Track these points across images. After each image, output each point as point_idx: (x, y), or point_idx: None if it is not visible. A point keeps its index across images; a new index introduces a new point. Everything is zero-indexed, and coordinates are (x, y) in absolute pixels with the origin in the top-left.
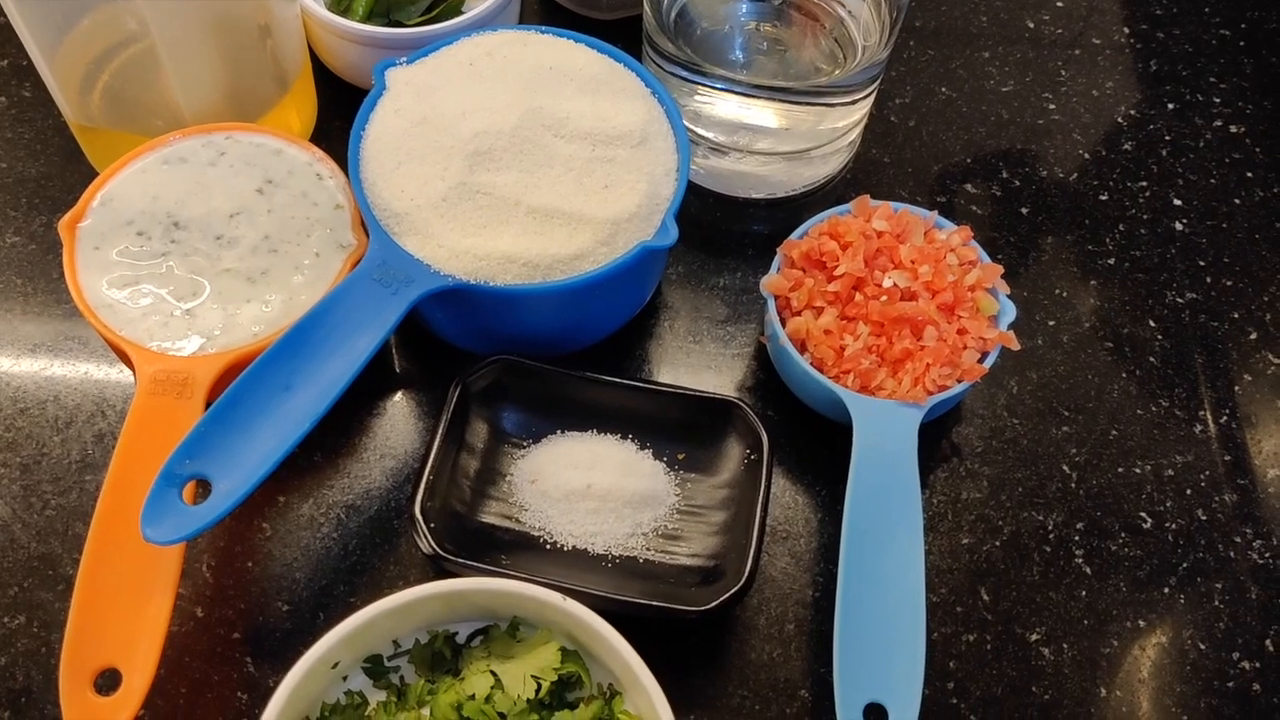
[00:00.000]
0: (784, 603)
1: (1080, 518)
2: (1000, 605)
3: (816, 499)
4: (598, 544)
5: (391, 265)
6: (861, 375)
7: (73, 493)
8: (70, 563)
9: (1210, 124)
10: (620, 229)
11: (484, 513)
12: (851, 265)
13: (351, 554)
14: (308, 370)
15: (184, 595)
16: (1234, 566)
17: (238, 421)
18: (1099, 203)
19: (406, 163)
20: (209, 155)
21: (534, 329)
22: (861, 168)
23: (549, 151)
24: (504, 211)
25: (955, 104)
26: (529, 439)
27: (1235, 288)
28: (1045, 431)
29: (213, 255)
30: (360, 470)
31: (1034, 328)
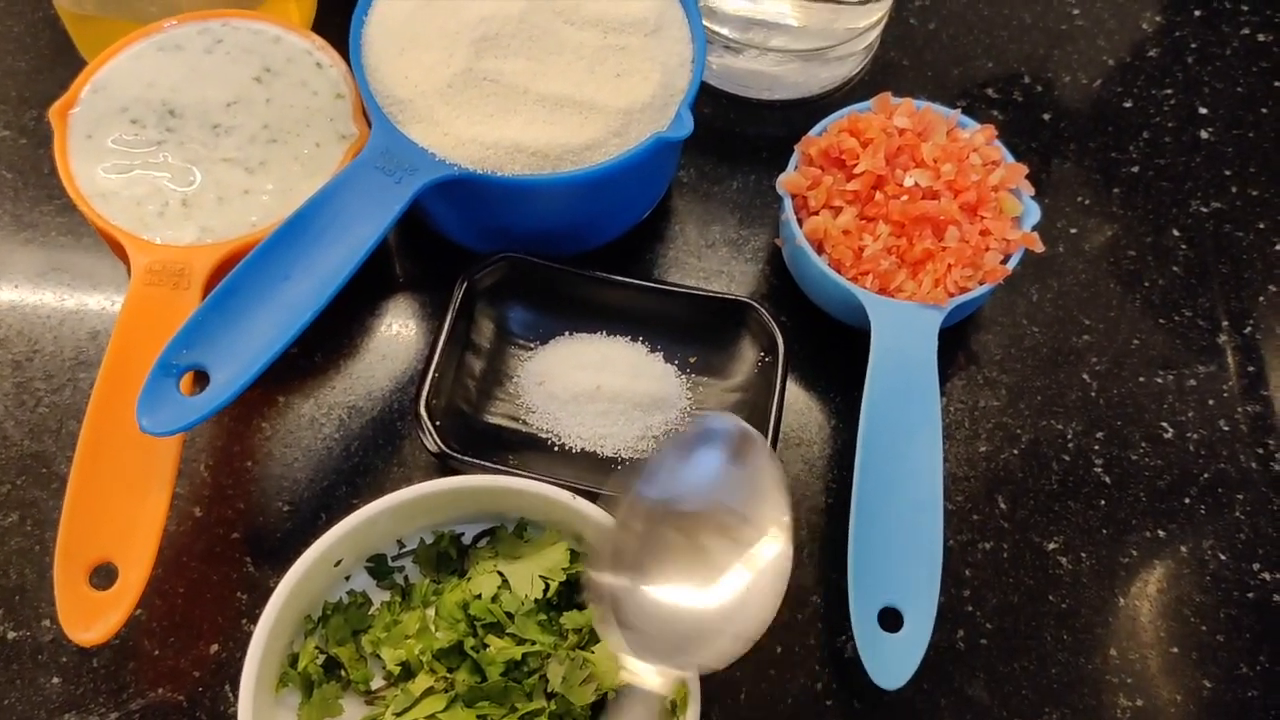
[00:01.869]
0: (797, 509)
1: (1100, 427)
2: (1018, 514)
3: (831, 406)
4: (607, 446)
5: (395, 153)
6: (881, 276)
7: (66, 390)
8: (64, 460)
9: (1238, 32)
10: (633, 119)
11: (490, 413)
12: (872, 163)
13: (354, 455)
14: (308, 260)
15: (182, 495)
16: (1256, 477)
17: (236, 311)
18: (1123, 110)
19: (410, 48)
20: (205, 42)
21: (542, 224)
22: (879, 70)
23: (558, 38)
24: (512, 99)
25: (976, 7)
26: (536, 340)
27: (1261, 197)
28: (1065, 340)
29: (209, 144)
30: (362, 370)
31: (1055, 235)
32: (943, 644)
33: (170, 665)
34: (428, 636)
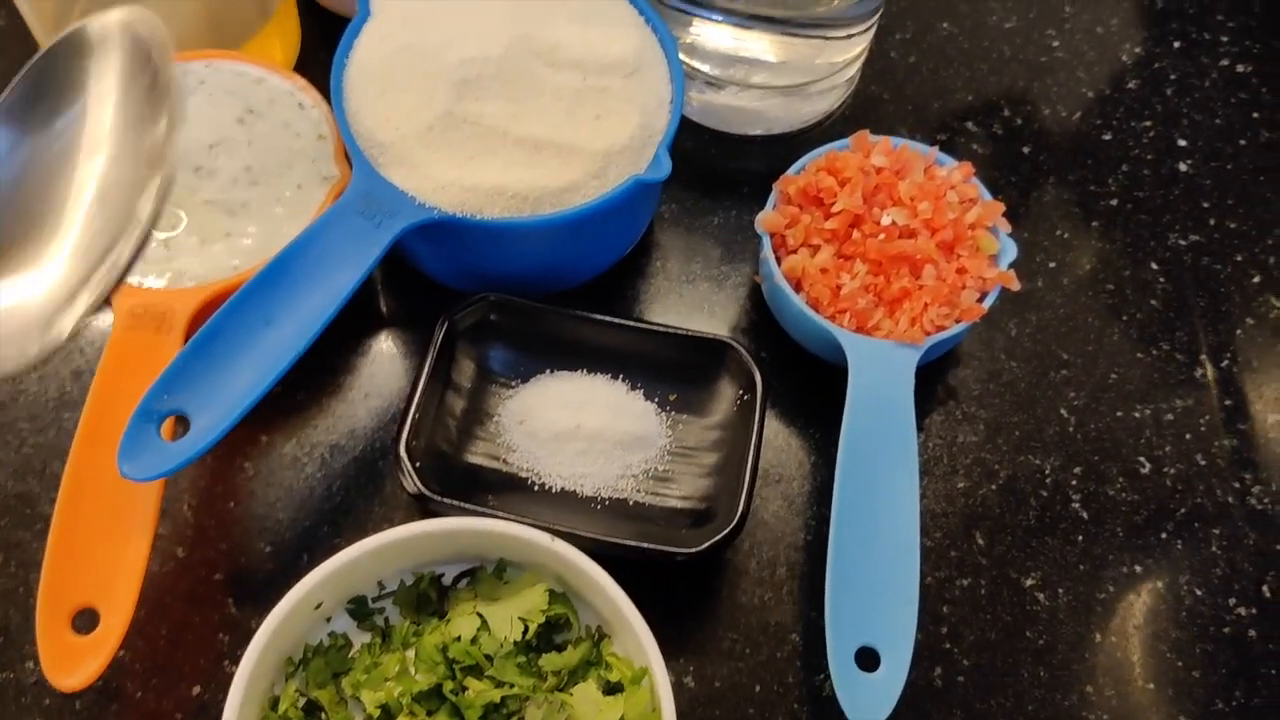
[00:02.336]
0: (776, 546)
1: (1078, 462)
2: (995, 550)
3: (810, 442)
4: (587, 486)
5: (375, 197)
6: (858, 315)
7: (50, 430)
8: (48, 501)
9: (1216, 63)
10: (612, 161)
11: (471, 453)
12: (849, 202)
13: (335, 494)
14: (289, 304)
15: (164, 535)
16: (1232, 512)
17: (217, 356)
18: (1102, 143)
19: (391, 91)
20: (188, 84)
21: (523, 265)
22: (860, 104)
23: (538, 80)
24: (491, 142)
25: (957, 40)
26: (517, 378)
27: (1239, 230)
28: (1044, 375)
29: (192, 187)
30: (345, 410)
31: (1034, 269)
32: (920, 681)
33: (152, 708)
34: (407, 679)
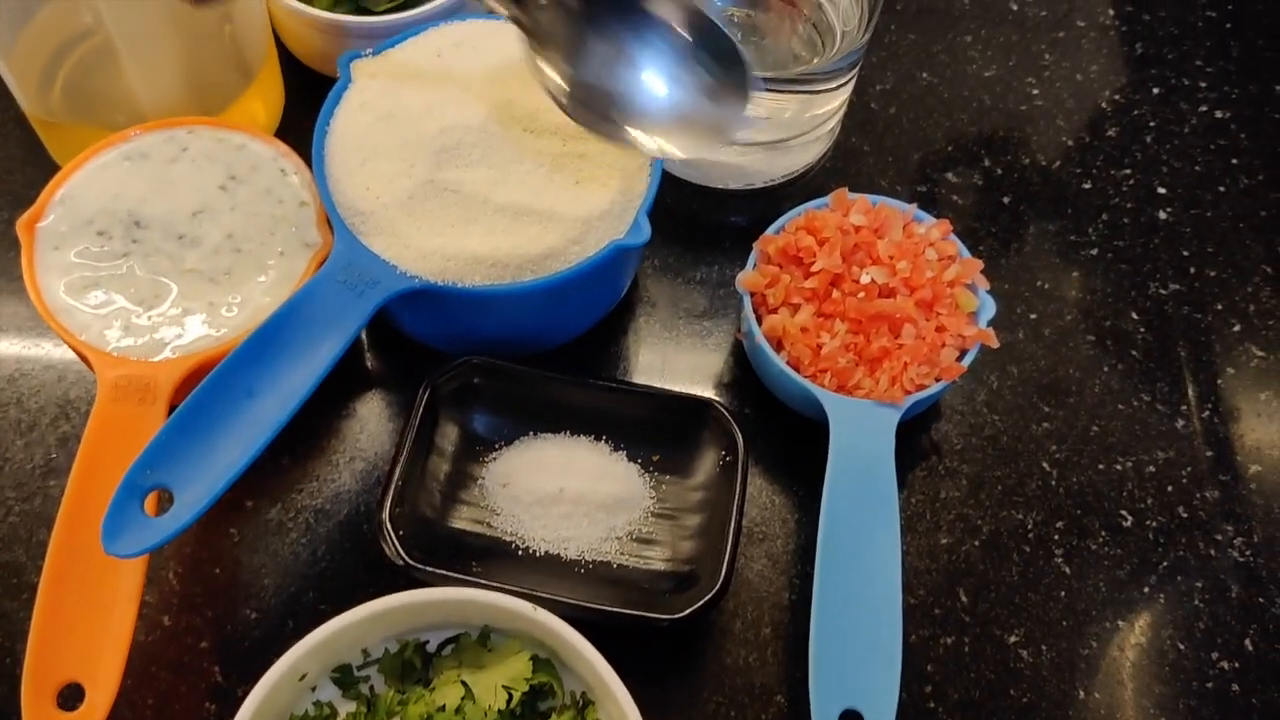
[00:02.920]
0: (760, 606)
1: (1060, 516)
2: (979, 607)
3: (794, 499)
4: (570, 549)
5: (357, 266)
6: (838, 374)
7: (37, 499)
8: (34, 570)
9: (1195, 109)
10: (592, 227)
11: (455, 518)
12: (828, 261)
13: (320, 560)
14: (271, 376)
15: (150, 603)
16: (1215, 565)
17: (200, 430)
18: (1082, 191)
19: (372, 159)
20: (171, 151)
21: (505, 329)
22: (841, 156)
23: (519, 146)
24: (472, 209)
25: (937, 90)
26: (500, 441)
27: (1219, 278)
28: (1025, 428)
29: (175, 255)
30: (329, 473)
31: (1015, 321)
32: None
33: None
34: None
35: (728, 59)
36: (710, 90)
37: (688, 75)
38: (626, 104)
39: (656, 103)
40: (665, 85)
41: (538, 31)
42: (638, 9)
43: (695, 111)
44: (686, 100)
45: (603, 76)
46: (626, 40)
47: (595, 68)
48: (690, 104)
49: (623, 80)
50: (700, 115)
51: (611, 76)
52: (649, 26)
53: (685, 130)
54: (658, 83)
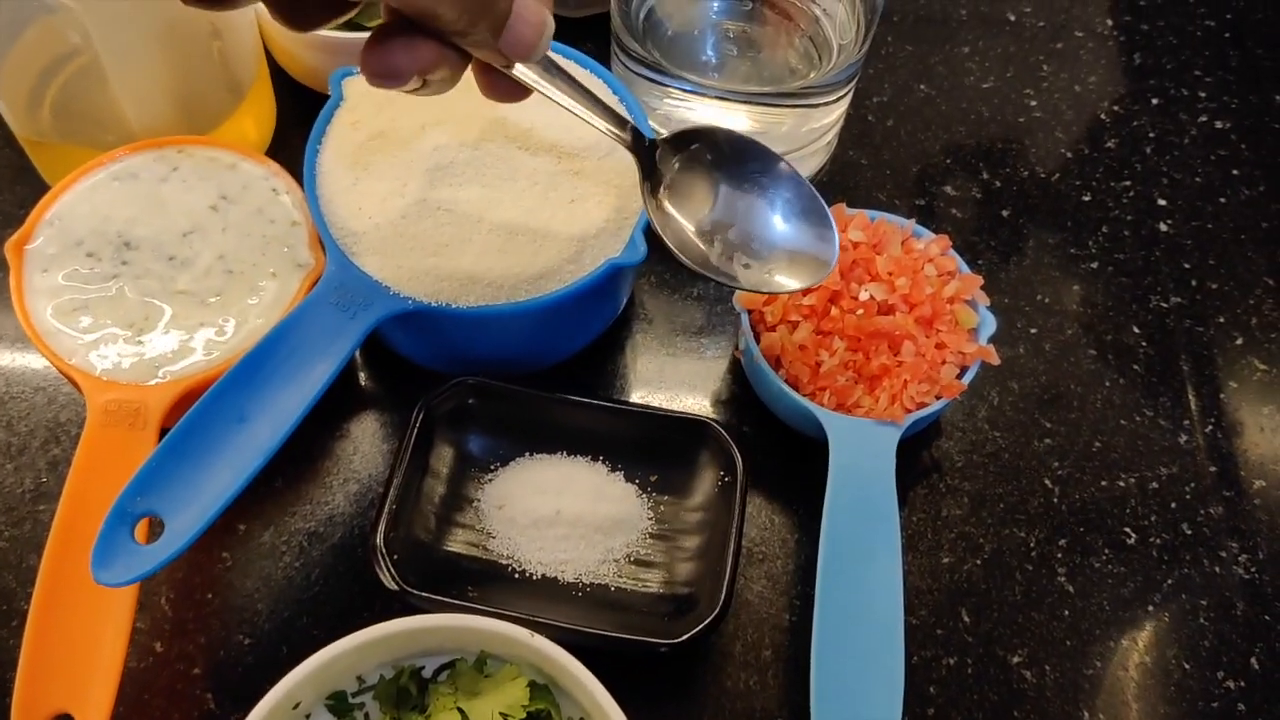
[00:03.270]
0: (760, 628)
1: (1063, 534)
2: (981, 627)
3: (794, 518)
4: (567, 572)
5: (349, 288)
6: (838, 392)
7: (26, 523)
8: (24, 597)
9: (1195, 120)
10: (587, 245)
11: (450, 541)
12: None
13: (314, 584)
14: (263, 400)
15: (142, 629)
16: (1220, 582)
17: (190, 456)
18: (1082, 204)
19: (364, 179)
20: (161, 170)
21: (500, 349)
22: (839, 169)
23: (513, 165)
24: (466, 229)
25: (934, 102)
26: (496, 462)
27: (1221, 291)
28: (1027, 444)
29: (165, 277)
30: (323, 496)
31: (1015, 336)
32: None
33: None
34: None
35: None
36: (815, 230)
37: (800, 219)
38: (756, 242)
39: (780, 240)
40: (786, 225)
41: (657, 170)
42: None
43: (802, 243)
44: (805, 238)
45: (735, 218)
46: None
47: (721, 205)
48: (798, 237)
49: (754, 221)
50: (806, 247)
51: (743, 218)
52: (772, 176)
53: (790, 261)
54: (781, 224)
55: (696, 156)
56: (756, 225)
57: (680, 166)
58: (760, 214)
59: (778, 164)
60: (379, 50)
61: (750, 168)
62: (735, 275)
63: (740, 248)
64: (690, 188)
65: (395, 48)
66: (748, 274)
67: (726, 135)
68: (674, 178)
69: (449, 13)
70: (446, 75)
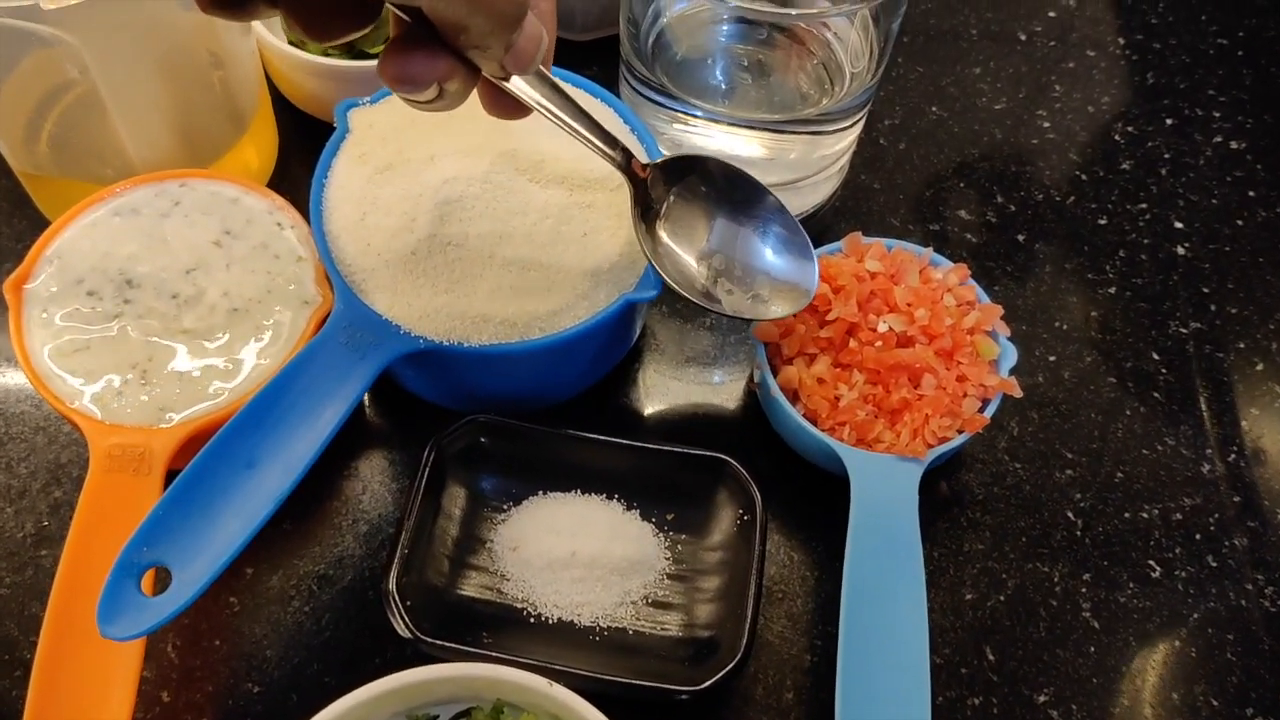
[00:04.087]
0: (781, 669)
1: (1086, 568)
2: (1006, 665)
3: (814, 555)
4: (584, 615)
5: (359, 327)
6: (858, 427)
7: (28, 569)
8: (27, 645)
9: (1210, 140)
10: (601, 281)
11: (464, 584)
12: (845, 310)
13: (325, 628)
14: (271, 444)
15: (149, 679)
16: (1246, 616)
17: (198, 504)
18: (1098, 227)
19: (372, 213)
20: (163, 205)
21: (512, 386)
22: (851, 194)
23: (524, 198)
24: (477, 265)
25: (946, 124)
26: (509, 501)
27: (1240, 315)
28: (1049, 476)
29: (169, 316)
30: (332, 537)
31: (1034, 364)
32: None
33: None
34: None
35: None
36: (798, 260)
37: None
38: (740, 270)
39: (764, 268)
40: (770, 254)
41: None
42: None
43: (793, 275)
44: (788, 268)
45: (721, 245)
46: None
47: (709, 231)
48: (791, 270)
49: (740, 249)
50: (788, 276)
51: (729, 246)
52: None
53: (773, 288)
54: (766, 252)
55: (689, 184)
56: (741, 253)
57: (672, 192)
58: (746, 242)
59: (764, 195)
60: (400, 58)
61: (737, 196)
62: (719, 300)
63: (724, 274)
64: (681, 214)
65: (416, 56)
66: (730, 299)
67: (718, 165)
68: (667, 204)
69: (480, 24)
70: (459, 87)
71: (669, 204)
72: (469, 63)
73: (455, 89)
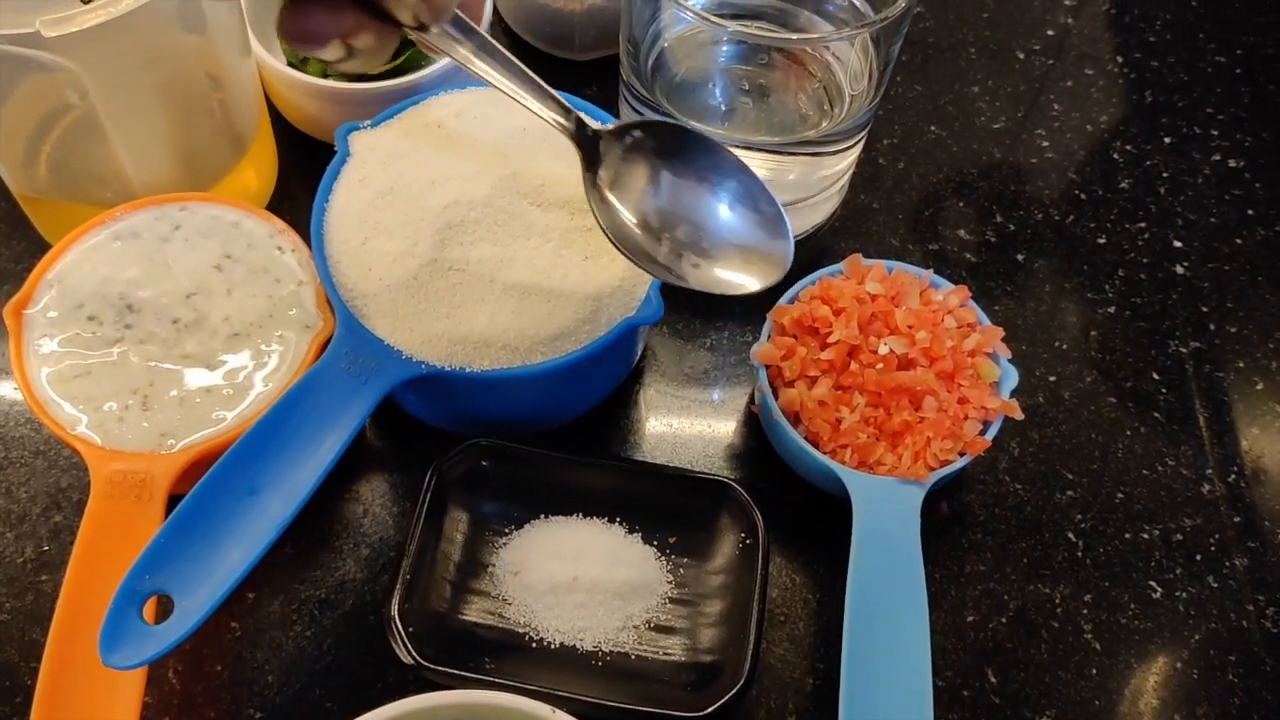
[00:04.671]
0: (784, 693)
1: (1088, 589)
2: (1008, 687)
3: (815, 577)
4: (586, 640)
5: (360, 353)
6: (859, 450)
7: (29, 595)
8: (28, 671)
9: (1208, 158)
10: (602, 304)
11: (466, 609)
12: (845, 332)
13: (326, 653)
14: (274, 472)
15: (150, 705)
16: (1247, 637)
17: (200, 531)
18: (1097, 246)
19: (374, 238)
20: (163, 229)
21: (513, 410)
22: (850, 214)
23: (525, 221)
24: (479, 289)
25: (945, 143)
26: (511, 525)
27: (1239, 334)
28: (1049, 497)
29: (170, 341)
30: (333, 561)
31: (1034, 384)
32: None
33: None
34: None
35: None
36: (762, 223)
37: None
38: (705, 240)
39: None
40: (726, 209)
41: (601, 162)
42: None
43: (752, 241)
44: (744, 229)
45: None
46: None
47: (667, 199)
48: (748, 233)
49: (699, 212)
50: (757, 245)
51: (690, 213)
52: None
53: (743, 259)
54: (720, 204)
55: (641, 147)
56: (704, 221)
57: (624, 158)
58: (708, 209)
59: (727, 159)
60: (300, 14)
61: (699, 163)
62: (684, 275)
63: (689, 246)
64: (633, 179)
65: (316, 10)
66: (697, 273)
67: (678, 131)
68: (618, 169)
69: None
70: (373, 44)
71: (624, 172)
72: (383, 16)
73: (366, 45)
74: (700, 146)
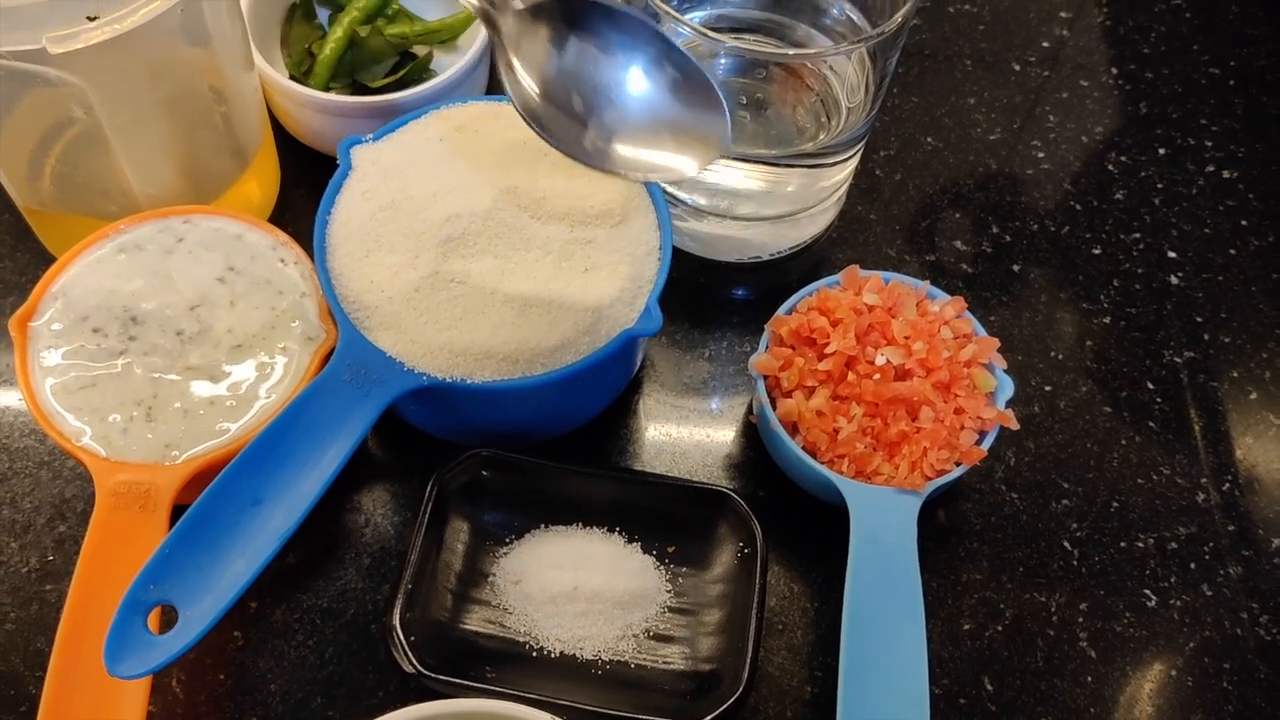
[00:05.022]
0: (782, 701)
1: (1083, 597)
2: (1004, 695)
3: (813, 586)
4: (586, 649)
5: (363, 364)
6: (856, 460)
7: (33, 604)
8: (33, 681)
9: (1203, 169)
10: (603, 316)
11: (467, 619)
12: (843, 343)
13: (328, 662)
14: (277, 483)
15: (154, 714)
16: (1241, 644)
17: (204, 542)
18: (1092, 257)
19: (376, 250)
20: (166, 242)
21: (514, 421)
22: (847, 225)
23: (525, 234)
24: (479, 301)
25: (942, 154)
26: (511, 535)
27: (1234, 344)
28: (1045, 506)
29: (174, 353)
30: (335, 571)
31: (1030, 394)
32: None
33: None
34: None
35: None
36: (691, 99)
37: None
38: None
39: (641, 103)
40: (648, 85)
41: (510, 34)
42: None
43: (681, 119)
44: (670, 106)
45: (583, 77)
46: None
47: (573, 67)
48: (675, 110)
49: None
50: (687, 123)
51: (593, 74)
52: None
53: (675, 140)
54: (641, 81)
55: (555, 25)
56: (628, 101)
57: (539, 35)
58: (631, 88)
59: (647, 31)
60: None
61: (617, 39)
62: (615, 164)
63: (616, 130)
64: (558, 63)
65: None
66: (628, 158)
67: (598, 7)
68: (541, 52)
69: None
70: None
71: (544, 52)
72: None
73: None
74: (619, 21)
